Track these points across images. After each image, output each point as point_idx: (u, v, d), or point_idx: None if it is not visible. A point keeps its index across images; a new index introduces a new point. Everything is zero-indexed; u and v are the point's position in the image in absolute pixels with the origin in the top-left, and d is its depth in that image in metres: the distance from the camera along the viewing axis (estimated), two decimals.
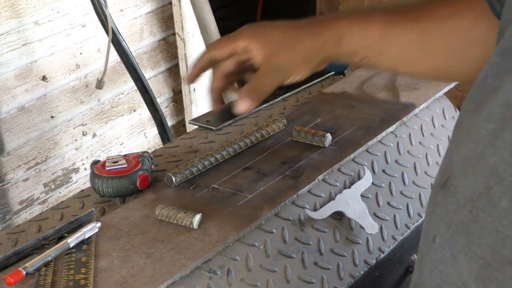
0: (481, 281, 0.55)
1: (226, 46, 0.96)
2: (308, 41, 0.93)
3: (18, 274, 0.79)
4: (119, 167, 0.97)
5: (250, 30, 0.96)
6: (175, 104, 2.47)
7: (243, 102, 0.95)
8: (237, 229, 0.86)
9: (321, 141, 1.05)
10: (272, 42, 0.94)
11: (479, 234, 0.55)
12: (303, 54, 0.93)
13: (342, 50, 0.93)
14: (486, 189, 0.55)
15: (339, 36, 0.92)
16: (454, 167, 0.60)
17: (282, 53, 0.93)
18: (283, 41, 0.94)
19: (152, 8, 2.28)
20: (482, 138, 0.57)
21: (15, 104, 1.92)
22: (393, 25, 0.91)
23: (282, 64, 0.93)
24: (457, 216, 0.58)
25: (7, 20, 1.85)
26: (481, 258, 0.55)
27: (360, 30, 0.91)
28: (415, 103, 1.18)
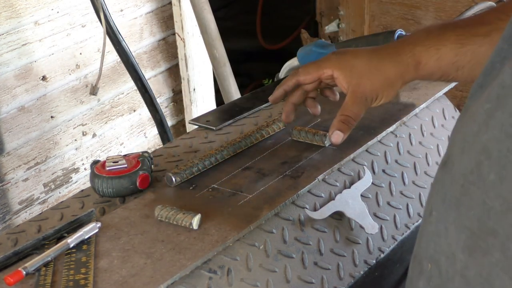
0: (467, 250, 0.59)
1: (314, 73, 1.01)
2: (389, 69, 0.98)
3: (18, 274, 0.79)
4: (119, 167, 0.97)
5: (336, 58, 1.01)
6: (175, 104, 2.47)
7: (336, 134, 0.98)
8: (237, 229, 0.86)
9: (321, 140, 1.06)
10: (356, 71, 0.99)
11: (468, 207, 0.59)
12: (386, 81, 0.98)
13: (420, 73, 0.98)
14: (477, 164, 0.59)
15: (416, 61, 0.97)
16: (454, 146, 0.65)
17: (367, 82, 0.98)
18: (367, 71, 0.99)
19: (152, 8, 2.28)
20: (479, 118, 0.61)
21: (15, 104, 1.92)
22: (465, 43, 0.95)
23: (367, 92, 0.98)
24: (450, 190, 0.62)
25: (7, 20, 1.85)
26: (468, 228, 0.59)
27: (436, 53, 0.96)
28: (415, 103, 1.18)
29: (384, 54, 1.00)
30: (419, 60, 0.97)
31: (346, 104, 0.99)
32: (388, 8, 2.44)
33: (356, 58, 1.00)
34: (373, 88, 0.98)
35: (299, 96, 1.05)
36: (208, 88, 2.49)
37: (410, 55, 0.98)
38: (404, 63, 0.98)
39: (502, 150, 0.57)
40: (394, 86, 0.99)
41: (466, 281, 0.59)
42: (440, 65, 0.97)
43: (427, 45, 0.97)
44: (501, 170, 0.57)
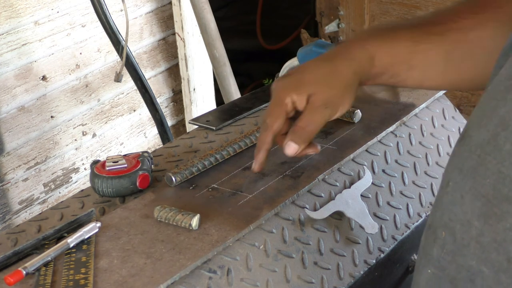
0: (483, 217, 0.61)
1: (280, 115, 0.92)
2: (343, 70, 0.93)
3: (18, 274, 0.79)
4: (119, 167, 0.97)
5: (284, 84, 0.93)
6: (175, 104, 2.47)
7: (288, 146, 0.92)
8: (237, 229, 0.86)
9: (350, 116, 1.09)
10: (309, 84, 0.92)
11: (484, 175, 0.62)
12: (342, 84, 0.92)
13: (374, 70, 0.93)
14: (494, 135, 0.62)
15: (370, 56, 0.93)
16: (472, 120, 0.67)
17: (323, 91, 0.91)
18: (320, 78, 0.92)
19: (152, 8, 2.28)
20: (498, 94, 0.63)
21: (15, 104, 1.92)
22: (419, 41, 0.93)
23: (325, 101, 0.91)
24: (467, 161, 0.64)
25: (6, 20, 1.85)
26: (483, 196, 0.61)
27: (390, 49, 0.93)
28: (415, 103, 1.18)
29: (334, 55, 0.95)
30: (373, 56, 0.92)
31: (302, 114, 0.91)
32: (388, 8, 2.44)
33: (305, 72, 0.94)
34: (331, 93, 0.91)
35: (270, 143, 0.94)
36: (208, 88, 2.49)
37: (362, 50, 0.93)
38: (357, 59, 0.93)
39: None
40: (352, 88, 0.93)
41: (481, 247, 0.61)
42: (393, 62, 0.93)
43: (380, 40, 0.94)
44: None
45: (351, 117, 1.11)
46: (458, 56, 0.93)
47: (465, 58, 0.93)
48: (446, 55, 0.92)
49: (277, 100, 0.92)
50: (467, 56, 0.93)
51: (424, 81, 0.96)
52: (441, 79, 0.96)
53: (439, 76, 0.95)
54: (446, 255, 0.65)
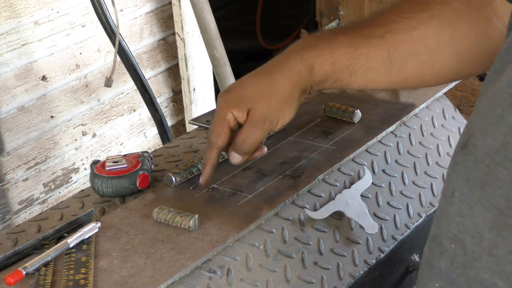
0: (495, 229, 0.60)
1: (223, 130, 0.93)
2: (281, 82, 0.93)
3: (18, 274, 0.79)
4: (119, 167, 0.97)
5: (225, 99, 0.94)
6: (175, 104, 2.47)
7: (232, 156, 0.94)
8: (237, 229, 0.86)
9: (350, 117, 1.10)
10: (248, 99, 0.93)
11: (495, 186, 0.60)
12: (281, 97, 0.93)
13: (315, 79, 0.93)
14: (503, 144, 0.60)
15: (309, 66, 0.92)
16: (474, 129, 0.65)
17: (262, 105, 0.93)
18: (257, 93, 0.93)
19: (152, 8, 2.28)
20: (502, 101, 0.62)
21: (15, 104, 1.92)
22: (359, 46, 0.92)
23: (264, 116, 0.92)
24: (475, 171, 0.63)
25: (6, 20, 1.85)
26: (495, 207, 0.60)
27: (329, 56, 0.92)
28: (415, 103, 1.18)
29: (271, 68, 0.95)
30: (311, 65, 0.92)
31: (242, 128, 0.93)
32: None
33: (243, 87, 0.95)
34: (269, 108, 0.92)
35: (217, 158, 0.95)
36: (208, 88, 2.49)
37: (300, 61, 0.92)
38: (295, 71, 0.92)
39: None
40: (292, 99, 0.93)
41: (495, 259, 0.60)
42: (334, 69, 0.92)
43: (319, 49, 0.93)
44: None
45: (351, 117, 1.11)
46: (400, 57, 0.91)
47: (408, 58, 0.92)
48: (387, 57, 0.91)
49: (219, 117, 0.93)
50: (410, 56, 0.92)
51: (368, 84, 0.95)
52: (385, 80, 0.94)
53: (382, 78, 0.94)
54: (456, 268, 0.63)
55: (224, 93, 0.95)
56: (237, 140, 0.93)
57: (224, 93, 0.95)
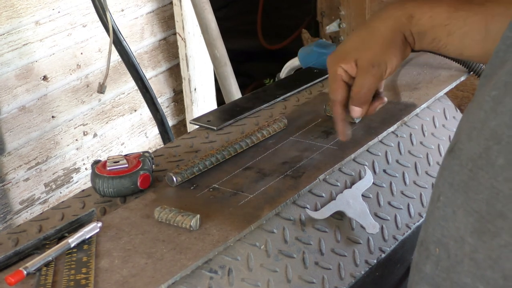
0: (476, 233, 0.60)
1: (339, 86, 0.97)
2: (381, 28, 0.96)
3: (19, 274, 0.79)
4: (120, 167, 0.97)
5: (332, 58, 0.98)
6: (176, 104, 2.47)
7: (353, 110, 0.97)
8: (238, 229, 0.86)
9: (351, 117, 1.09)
10: (352, 51, 0.96)
11: (476, 190, 0.60)
12: (383, 41, 0.95)
13: (414, 28, 0.95)
14: (485, 149, 0.60)
15: (408, 15, 0.95)
16: (461, 133, 0.65)
17: (365, 52, 0.95)
18: (359, 43, 0.96)
19: (153, 8, 2.28)
20: (485, 104, 0.62)
21: (16, 104, 1.92)
22: (459, 8, 0.93)
23: (371, 61, 0.95)
24: (458, 175, 0.63)
25: (7, 20, 1.85)
26: (476, 212, 0.60)
27: (429, 10, 0.94)
28: (416, 103, 1.18)
29: (371, 18, 0.98)
30: (411, 14, 0.94)
31: (355, 81, 0.96)
32: None
33: (347, 42, 0.99)
34: (374, 53, 0.95)
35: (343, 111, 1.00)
36: (209, 88, 2.49)
37: (400, 8, 0.95)
38: (395, 16, 0.95)
39: (511, 135, 0.58)
40: (395, 42, 0.95)
41: (475, 264, 0.60)
42: (433, 24, 0.94)
43: (421, 1, 0.95)
44: (509, 154, 0.58)
45: (352, 117, 1.11)
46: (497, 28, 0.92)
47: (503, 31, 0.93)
48: (485, 25, 0.92)
49: (331, 75, 0.98)
50: None
51: (464, 50, 0.96)
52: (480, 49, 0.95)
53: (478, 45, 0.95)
54: (441, 272, 0.64)
55: (330, 54, 1.00)
56: (352, 92, 0.96)
57: (331, 54, 1.00)
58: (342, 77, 0.97)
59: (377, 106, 1.00)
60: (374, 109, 1.00)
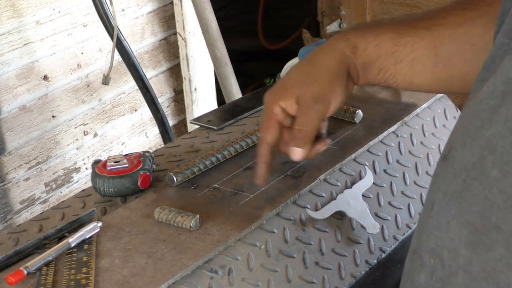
0: (470, 245, 0.58)
1: (271, 126, 0.91)
2: (326, 60, 0.91)
3: (19, 273, 0.79)
4: (120, 166, 0.97)
5: (270, 94, 0.92)
6: (176, 104, 2.47)
7: (293, 151, 0.90)
8: (238, 229, 0.86)
9: (351, 117, 1.10)
10: (293, 87, 0.90)
11: (470, 202, 0.59)
12: (328, 76, 0.90)
13: (359, 60, 0.91)
14: (480, 159, 0.59)
15: (353, 45, 0.90)
16: (455, 140, 0.64)
17: (309, 87, 0.89)
18: (302, 78, 0.91)
19: (153, 8, 2.28)
20: (482, 113, 0.61)
21: (16, 104, 1.92)
22: (405, 34, 0.90)
23: (315, 96, 0.88)
24: (452, 185, 0.62)
25: (8, 20, 1.85)
26: (470, 224, 0.58)
27: (374, 39, 0.90)
28: (417, 103, 1.18)
29: (314, 53, 0.93)
30: (355, 45, 0.90)
31: (297, 119, 0.89)
32: (390, 8, 2.44)
33: (288, 77, 0.92)
34: (320, 87, 0.89)
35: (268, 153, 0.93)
36: (210, 88, 2.49)
37: (343, 40, 0.91)
38: (339, 48, 0.90)
39: (506, 146, 0.57)
40: (340, 76, 0.90)
41: (470, 277, 0.59)
42: (379, 54, 0.90)
43: (363, 31, 0.91)
44: (504, 166, 0.57)
45: (353, 117, 1.11)
46: (446, 52, 0.90)
47: (453, 55, 0.90)
48: (434, 50, 0.90)
49: (267, 112, 0.91)
50: (456, 53, 0.90)
51: (414, 78, 0.93)
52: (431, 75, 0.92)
53: (428, 72, 0.91)
54: (436, 282, 0.62)
55: (269, 90, 0.93)
56: (294, 131, 0.89)
57: (269, 89, 0.93)
58: (278, 116, 0.90)
59: (320, 148, 0.93)
60: (316, 151, 0.92)
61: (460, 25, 0.89)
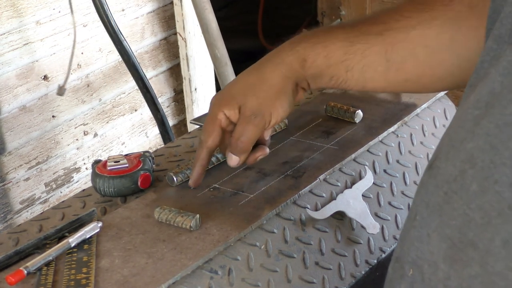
0: (448, 260, 0.57)
1: (214, 131, 0.93)
2: (271, 74, 0.91)
3: (19, 273, 0.79)
4: (121, 166, 0.97)
5: (217, 99, 0.94)
6: (176, 104, 2.47)
7: (229, 158, 0.93)
8: (238, 229, 0.86)
9: (352, 117, 1.10)
10: (237, 96, 0.92)
11: (450, 216, 0.58)
12: (271, 90, 0.91)
13: (308, 72, 0.90)
14: (461, 172, 0.57)
15: (301, 59, 0.90)
16: (441, 150, 0.63)
17: (250, 100, 0.91)
18: (247, 87, 0.91)
19: (153, 8, 2.28)
20: (466, 123, 0.60)
21: (16, 104, 1.92)
22: (355, 41, 0.89)
23: (254, 110, 0.90)
24: (434, 196, 0.60)
25: (8, 20, 1.85)
26: (449, 238, 0.57)
27: (323, 50, 0.89)
28: (417, 103, 1.18)
29: (262, 62, 0.93)
30: (304, 58, 0.90)
31: (235, 128, 0.92)
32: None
33: (234, 85, 0.93)
34: (259, 102, 0.90)
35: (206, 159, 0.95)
36: (210, 88, 2.49)
37: (292, 52, 0.90)
38: (286, 62, 0.90)
39: (486, 160, 0.56)
40: (284, 92, 0.91)
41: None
42: (329, 64, 0.89)
43: (313, 42, 0.90)
44: (483, 181, 0.55)
45: (353, 117, 1.11)
46: (399, 56, 0.89)
47: (406, 58, 0.89)
48: (385, 56, 0.89)
49: (210, 117, 0.93)
50: (409, 56, 0.89)
51: (366, 83, 0.92)
52: (384, 80, 0.91)
53: (380, 77, 0.91)
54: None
55: (216, 94, 0.95)
56: (231, 139, 0.92)
57: (216, 94, 0.95)
58: (221, 122, 0.92)
59: (258, 156, 0.95)
60: (254, 159, 0.95)
61: (414, 28, 0.88)
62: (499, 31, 0.62)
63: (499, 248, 0.53)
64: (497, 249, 0.53)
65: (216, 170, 1.00)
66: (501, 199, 0.54)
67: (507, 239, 0.53)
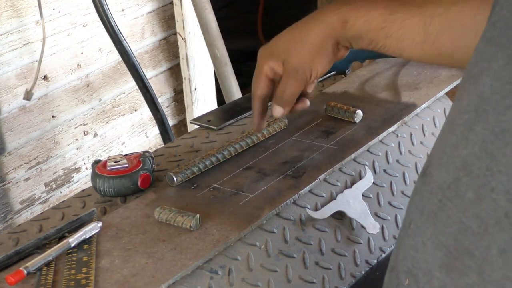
0: (444, 268, 0.56)
1: (261, 81, 0.97)
2: (313, 32, 0.95)
3: (19, 273, 0.79)
4: (120, 166, 0.97)
5: (262, 52, 0.98)
6: (176, 104, 2.47)
7: (274, 109, 0.98)
8: (238, 228, 0.86)
9: (352, 117, 1.10)
10: (281, 50, 0.96)
11: (445, 223, 0.57)
12: (312, 46, 0.94)
13: (348, 34, 0.93)
14: (455, 180, 0.57)
15: (343, 20, 0.93)
16: (434, 155, 0.62)
17: (293, 56, 0.95)
18: (291, 44, 0.96)
19: (153, 8, 2.28)
20: (457, 129, 0.59)
21: (16, 104, 1.92)
22: (396, 10, 0.92)
23: (296, 65, 0.94)
24: (428, 204, 0.60)
25: (8, 20, 1.85)
26: (445, 246, 0.56)
27: (364, 14, 0.92)
28: (416, 103, 1.18)
29: (306, 20, 0.97)
30: (345, 19, 0.93)
31: (280, 81, 0.96)
32: None
33: (279, 40, 0.98)
34: (301, 59, 0.94)
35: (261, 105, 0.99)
36: (209, 87, 2.49)
37: (335, 13, 0.93)
38: (328, 22, 0.94)
39: (482, 168, 0.55)
40: (324, 50, 0.94)
41: None
42: (368, 29, 0.92)
43: (356, 5, 0.93)
44: (479, 189, 0.55)
45: (353, 117, 1.11)
46: (436, 30, 0.90)
47: (442, 33, 0.91)
48: (423, 28, 0.90)
49: (258, 69, 0.98)
50: (446, 31, 0.91)
51: (403, 51, 0.94)
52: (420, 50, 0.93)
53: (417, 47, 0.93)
54: None
55: (262, 46, 0.99)
56: (276, 91, 0.97)
57: (262, 46, 0.99)
58: (268, 73, 0.96)
59: (299, 108, 0.99)
60: (295, 110, 0.99)
61: (453, 4, 0.90)
62: (490, 34, 0.62)
63: (496, 256, 0.53)
64: (494, 258, 0.53)
65: (216, 170, 1.00)
66: (498, 207, 0.53)
67: (504, 248, 0.52)
